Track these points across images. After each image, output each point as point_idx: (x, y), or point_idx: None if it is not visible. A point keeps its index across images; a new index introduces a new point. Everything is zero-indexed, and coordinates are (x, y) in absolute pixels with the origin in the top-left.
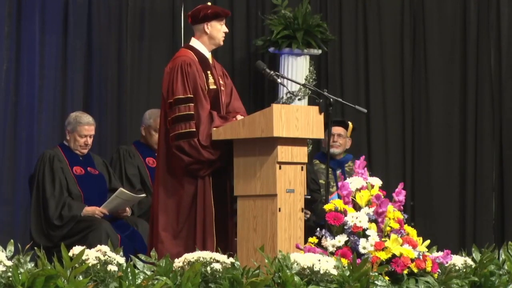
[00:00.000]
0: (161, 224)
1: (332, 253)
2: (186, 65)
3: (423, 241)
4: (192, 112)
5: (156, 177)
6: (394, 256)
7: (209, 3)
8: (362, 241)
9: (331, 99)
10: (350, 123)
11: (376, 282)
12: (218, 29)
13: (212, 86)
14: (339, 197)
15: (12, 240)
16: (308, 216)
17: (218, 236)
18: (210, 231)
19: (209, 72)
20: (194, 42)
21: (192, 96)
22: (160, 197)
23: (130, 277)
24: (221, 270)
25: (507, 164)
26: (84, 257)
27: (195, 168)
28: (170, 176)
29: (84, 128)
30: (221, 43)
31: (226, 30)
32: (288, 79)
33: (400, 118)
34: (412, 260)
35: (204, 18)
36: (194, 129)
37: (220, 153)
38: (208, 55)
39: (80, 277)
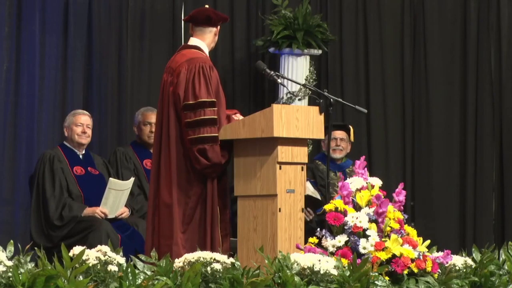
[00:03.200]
0: (174, 226)
1: (332, 253)
2: (209, 68)
3: (423, 241)
4: (217, 117)
5: (162, 178)
6: (394, 256)
7: (206, 6)
8: (362, 241)
9: (331, 99)
10: (351, 127)
11: (376, 282)
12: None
13: None
14: None
15: (12, 240)
16: (311, 217)
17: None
18: (216, 231)
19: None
20: (199, 44)
21: (215, 100)
22: (166, 198)
23: (131, 277)
24: (221, 270)
25: (507, 164)
26: (84, 257)
27: (209, 171)
28: (180, 178)
29: (79, 117)
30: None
31: None
32: (288, 79)
33: (400, 118)
34: (412, 260)
35: (218, 21)
36: (217, 134)
37: (229, 155)
38: None
39: (81, 277)
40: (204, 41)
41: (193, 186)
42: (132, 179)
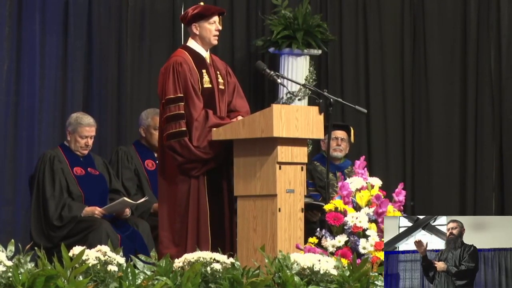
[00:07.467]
0: (160, 224)
1: (332, 253)
2: (177, 65)
3: None
4: (182, 112)
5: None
6: None
7: (201, 3)
8: (362, 241)
9: (331, 99)
10: (351, 128)
11: (376, 282)
12: (207, 29)
13: (207, 85)
14: None
15: (12, 240)
16: (317, 218)
17: (213, 235)
18: (205, 230)
19: (204, 71)
20: (190, 42)
21: (182, 95)
22: (159, 197)
23: (130, 277)
24: (221, 270)
25: (507, 164)
26: (84, 257)
27: (188, 167)
28: (165, 176)
29: (85, 129)
30: (213, 42)
31: (219, 27)
32: (288, 79)
33: (400, 118)
34: None
35: (191, 19)
36: (184, 129)
37: (215, 153)
38: (205, 54)
39: (80, 277)
40: (193, 39)
41: (177, 184)
42: (145, 198)
